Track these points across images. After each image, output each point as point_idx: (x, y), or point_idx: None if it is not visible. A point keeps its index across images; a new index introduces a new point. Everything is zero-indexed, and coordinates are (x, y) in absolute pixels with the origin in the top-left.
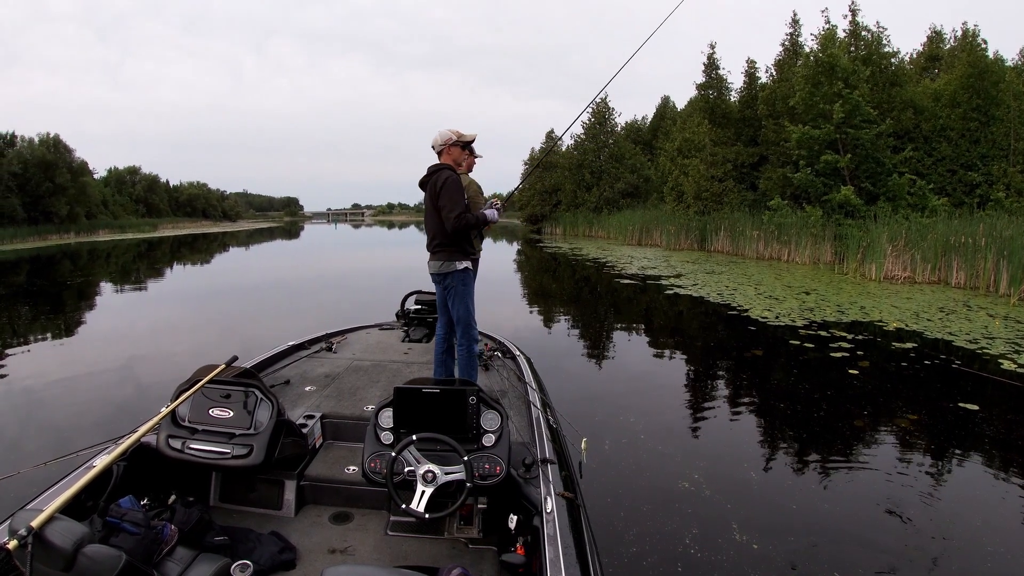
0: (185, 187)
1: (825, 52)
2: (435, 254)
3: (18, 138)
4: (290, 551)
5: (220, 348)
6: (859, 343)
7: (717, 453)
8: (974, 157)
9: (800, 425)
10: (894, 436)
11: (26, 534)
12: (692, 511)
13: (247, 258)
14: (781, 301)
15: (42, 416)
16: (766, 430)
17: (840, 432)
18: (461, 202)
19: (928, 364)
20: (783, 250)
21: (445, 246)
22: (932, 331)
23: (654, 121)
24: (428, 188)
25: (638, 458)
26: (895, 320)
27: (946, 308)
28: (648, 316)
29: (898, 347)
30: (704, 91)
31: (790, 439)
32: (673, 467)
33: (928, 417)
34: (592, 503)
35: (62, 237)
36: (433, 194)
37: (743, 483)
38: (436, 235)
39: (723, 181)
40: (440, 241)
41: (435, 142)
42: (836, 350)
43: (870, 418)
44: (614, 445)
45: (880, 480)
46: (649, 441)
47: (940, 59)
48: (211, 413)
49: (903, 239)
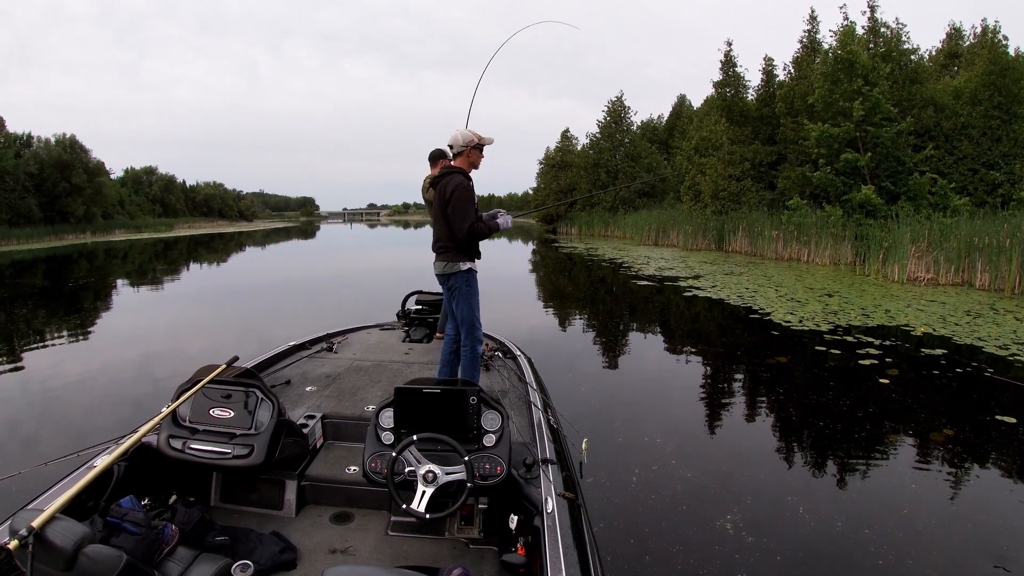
0: (201, 187)
1: (844, 48)
2: (440, 255)
3: (34, 139)
4: (291, 551)
5: (224, 347)
6: (887, 349)
7: (726, 456)
8: (996, 156)
9: (820, 432)
10: (931, 452)
11: (27, 534)
12: (693, 513)
13: (261, 258)
14: (803, 304)
15: (48, 414)
16: (782, 438)
17: (867, 442)
18: (472, 212)
19: (960, 372)
20: (803, 251)
21: (450, 248)
22: (960, 336)
23: (670, 120)
24: (439, 190)
25: (640, 459)
26: (922, 324)
27: (972, 311)
28: (666, 319)
29: (927, 353)
30: (721, 89)
31: (807, 447)
32: (676, 470)
33: (966, 432)
34: (593, 503)
35: (78, 237)
36: (443, 199)
37: (749, 486)
38: (441, 237)
39: (741, 180)
40: (445, 244)
41: (455, 142)
42: (864, 357)
43: (904, 431)
44: (616, 446)
45: (909, 497)
46: (658, 445)
47: (960, 56)
48: (212, 413)
49: (926, 240)
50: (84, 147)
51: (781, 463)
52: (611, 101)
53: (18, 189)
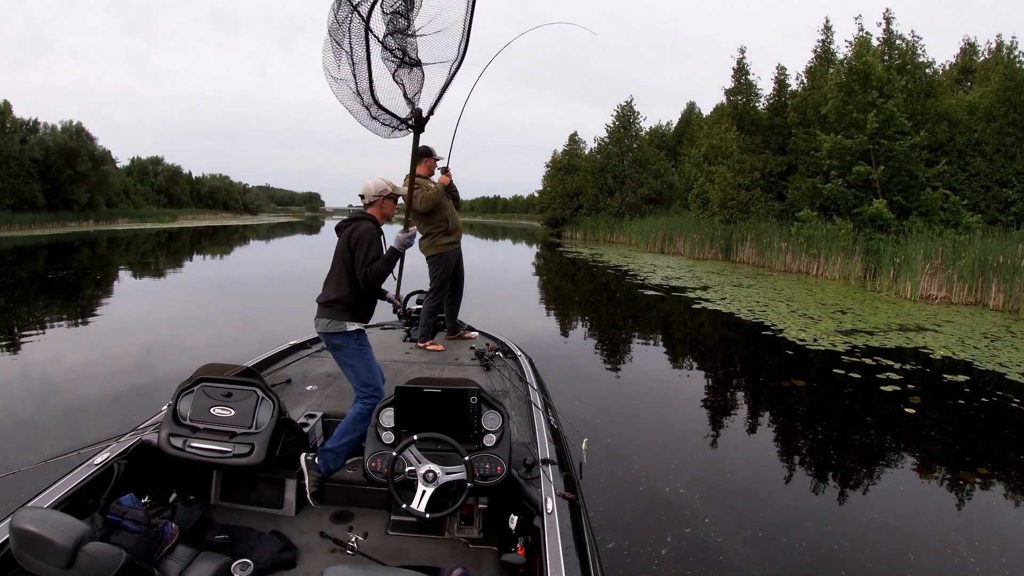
0: (207, 179)
1: (859, 59)
2: (325, 308)
3: (40, 125)
4: (290, 550)
5: (224, 341)
6: (907, 374)
7: (729, 464)
8: (1009, 173)
9: (835, 459)
10: (965, 493)
11: (27, 532)
12: (694, 515)
13: (263, 252)
14: (817, 321)
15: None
16: (790, 455)
17: (894, 482)
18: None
19: (985, 402)
20: (812, 263)
21: (340, 303)
22: (981, 361)
23: (679, 127)
24: (343, 236)
25: (641, 460)
26: (940, 347)
27: (989, 334)
28: (673, 330)
29: (950, 380)
30: (733, 96)
31: (815, 465)
32: (677, 473)
33: (1000, 470)
34: (593, 504)
35: (81, 224)
36: (347, 245)
37: (751, 492)
38: (333, 289)
39: (750, 190)
40: (335, 297)
41: (367, 191)
42: (885, 382)
43: (930, 466)
44: (617, 447)
45: (941, 547)
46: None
47: (973, 71)
48: (212, 412)
49: (939, 257)
50: (90, 134)
51: (786, 474)
52: (620, 106)
53: (22, 175)
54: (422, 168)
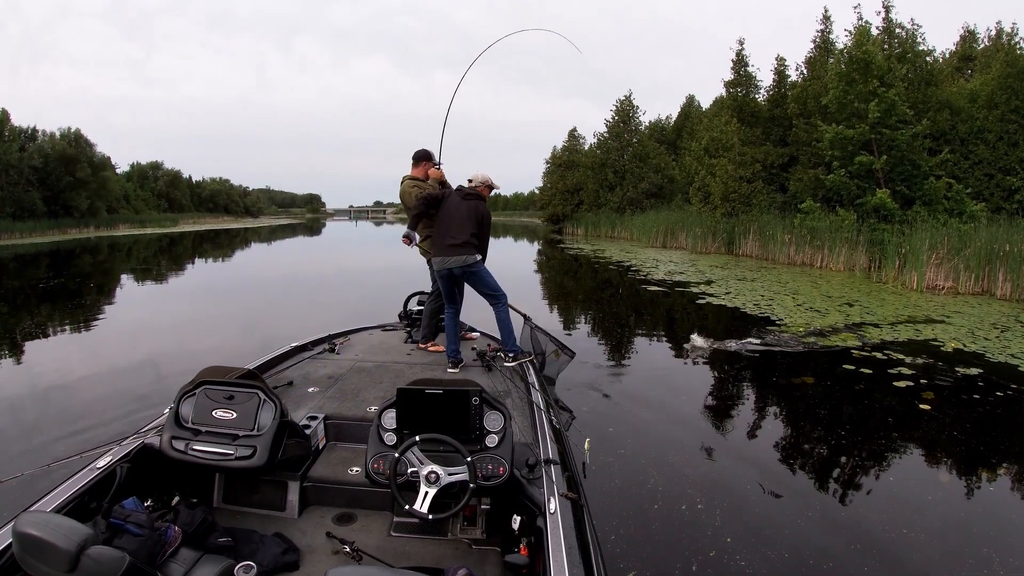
0: (208, 183)
1: (860, 48)
2: (458, 248)
3: (39, 132)
4: (293, 552)
5: (226, 344)
6: (919, 368)
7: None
8: (1013, 161)
9: (849, 461)
10: (987, 493)
11: (30, 536)
12: (695, 516)
13: (264, 254)
14: (824, 315)
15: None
16: (797, 454)
17: (922, 491)
18: None
19: (1001, 396)
20: (816, 255)
21: (472, 244)
22: (993, 353)
23: (678, 121)
24: (472, 204)
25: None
26: (952, 340)
27: (999, 324)
28: (677, 325)
29: (963, 373)
30: (733, 88)
31: (827, 468)
32: (680, 472)
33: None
34: (595, 504)
35: (81, 231)
36: (478, 213)
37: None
38: (464, 235)
39: (752, 182)
40: (467, 240)
41: (475, 178)
42: (897, 377)
43: (951, 466)
44: (618, 447)
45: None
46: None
47: (974, 59)
48: (214, 414)
49: (945, 247)
50: (89, 141)
51: (790, 475)
52: (619, 100)
53: (22, 183)
54: (420, 171)
